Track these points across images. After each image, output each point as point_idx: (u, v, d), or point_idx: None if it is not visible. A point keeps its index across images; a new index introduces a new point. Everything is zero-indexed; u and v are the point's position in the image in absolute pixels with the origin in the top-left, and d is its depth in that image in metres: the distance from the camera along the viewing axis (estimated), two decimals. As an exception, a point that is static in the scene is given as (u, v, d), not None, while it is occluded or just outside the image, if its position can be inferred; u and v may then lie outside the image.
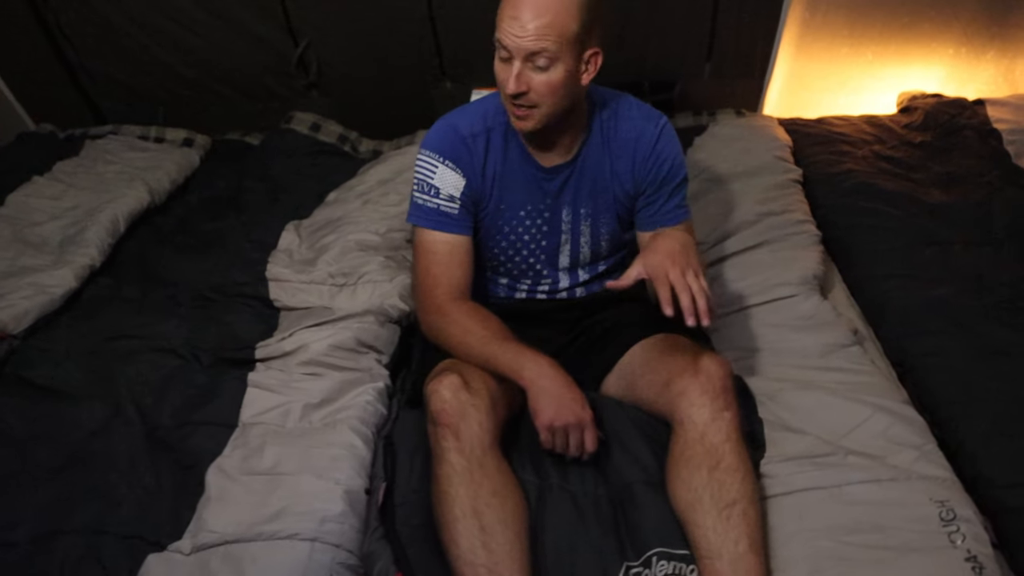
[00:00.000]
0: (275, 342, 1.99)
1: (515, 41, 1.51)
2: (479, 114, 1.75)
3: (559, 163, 1.75)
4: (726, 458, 1.46)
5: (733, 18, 3.13)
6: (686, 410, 1.51)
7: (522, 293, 1.94)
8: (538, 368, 1.55)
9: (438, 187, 1.72)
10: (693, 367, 1.54)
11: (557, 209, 1.81)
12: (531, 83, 1.55)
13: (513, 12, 1.50)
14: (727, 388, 1.53)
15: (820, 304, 2.05)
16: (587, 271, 1.93)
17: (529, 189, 1.78)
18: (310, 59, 3.26)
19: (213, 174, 3.10)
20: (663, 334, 1.77)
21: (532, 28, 1.49)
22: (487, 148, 1.74)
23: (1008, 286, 2.13)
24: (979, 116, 3.06)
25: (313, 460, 1.65)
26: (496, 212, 1.80)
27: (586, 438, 1.53)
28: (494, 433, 1.53)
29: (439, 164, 1.72)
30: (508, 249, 1.85)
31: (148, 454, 1.73)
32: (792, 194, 2.57)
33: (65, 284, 2.28)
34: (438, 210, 1.73)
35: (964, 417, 1.73)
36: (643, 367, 1.72)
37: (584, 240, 1.86)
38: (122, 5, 3.12)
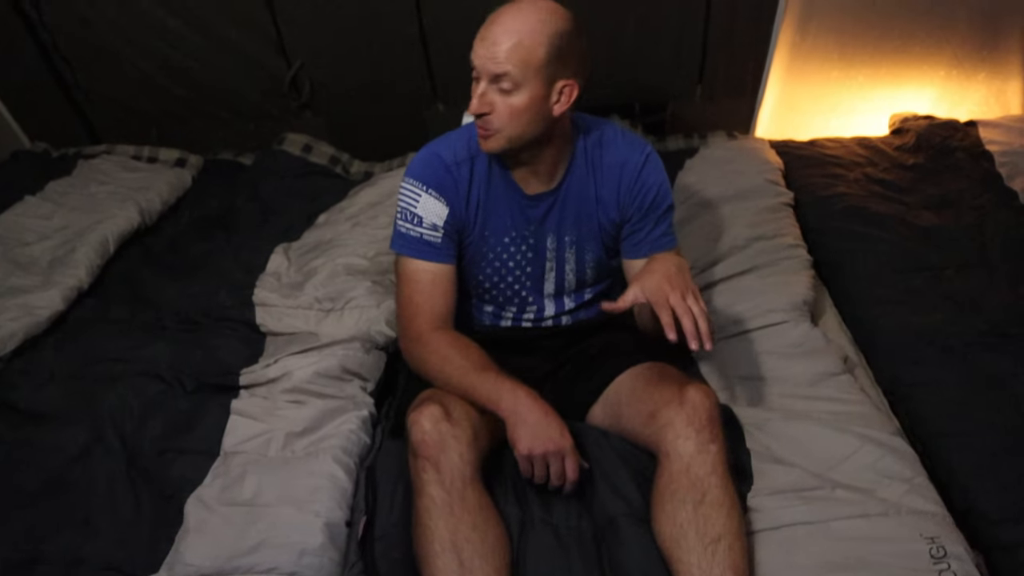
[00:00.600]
0: (260, 368, 1.98)
1: (481, 62, 1.53)
2: (463, 141, 1.75)
3: (543, 191, 1.75)
4: (712, 492, 1.45)
5: (724, 41, 3.12)
6: (672, 442, 1.50)
7: (507, 321, 1.93)
8: (515, 397, 1.54)
9: (421, 216, 1.72)
10: (679, 398, 1.53)
11: (541, 236, 1.80)
12: (494, 105, 1.56)
13: (483, 33, 1.53)
14: (713, 419, 1.51)
15: (810, 331, 2.03)
16: (573, 299, 1.92)
17: (513, 216, 1.77)
18: (303, 80, 3.26)
19: (205, 194, 3.09)
20: (650, 363, 1.76)
21: (497, 51, 1.50)
22: (471, 175, 1.74)
23: (1001, 311, 2.12)
24: (971, 137, 3.06)
25: (294, 491, 1.63)
26: (481, 239, 1.79)
27: (566, 466, 1.52)
28: (475, 465, 1.51)
29: (422, 192, 1.72)
30: (493, 276, 1.84)
31: (128, 482, 1.72)
32: (783, 218, 2.56)
33: (52, 306, 2.27)
34: (421, 239, 1.72)
35: (956, 448, 1.72)
36: (629, 397, 1.71)
37: (569, 267, 1.85)
38: (118, 26, 3.11)
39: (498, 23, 1.52)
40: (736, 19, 3.06)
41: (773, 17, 3.02)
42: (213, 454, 1.78)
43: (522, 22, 1.51)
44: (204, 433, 1.83)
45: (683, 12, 3.04)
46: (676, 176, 2.83)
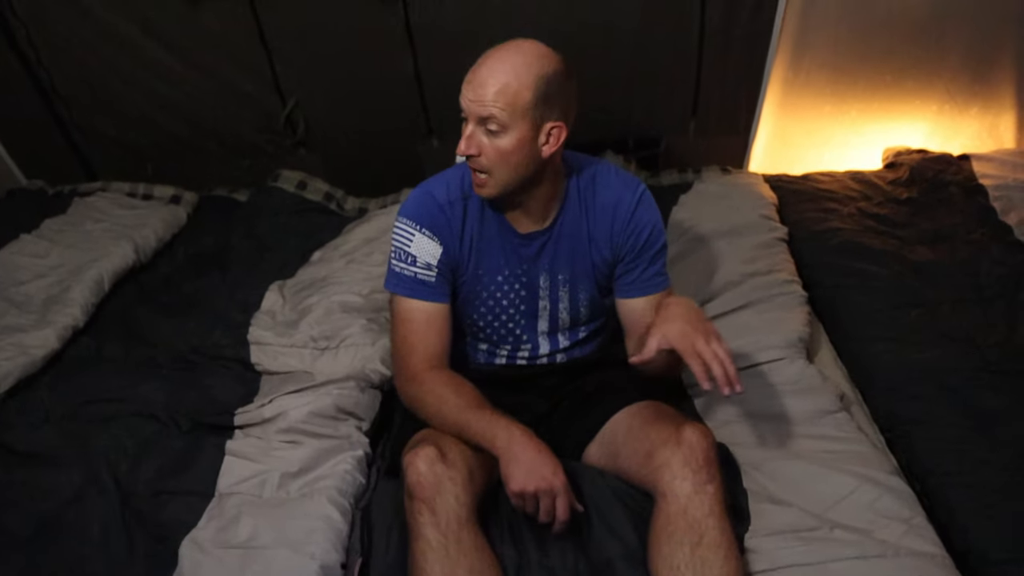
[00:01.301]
0: (255, 408, 1.97)
1: (468, 104, 1.54)
2: (456, 181, 1.76)
3: (535, 229, 1.76)
4: (709, 533, 1.44)
5: (717, 76, 3.14)
6: (668, 483, 1.49)
7: (502, 359, 1.93)
8: (509, 435, 1.53)
9: (415, 255, 1.72)
10: (675, 438, 1.52)
11: (535, 274, 1.80)
12: (482, 147, 1.56)
13: (471, 75, 1.54)
14: (710, 460, 1.50)
15: (806, 368, 2.03)
16: (567, 337, 1.92)
17: (506, 255, 1.78)
18: (297, 117, 3.28)
19: (199, 231, 3.10)
20: (646, 402, 1.76)
21: (484, 93, 1.52)
22: (465, 214, 1.74)
23: (997, 347, 2.12)
24: (964, 172, 3.07)
25: (289, 532, 1.62)
26: (475, 278, 1.79)
27: (558, 505, 1.49)
28: (471, 506, 1.50)
29: (416, 232, 1.72)
30: (487, 314, 1.84)
31: (122, 524, 1.70)
32: (778, 253, 2.57)
33: (47, 345, 2.27)
34: (415, 278, 1.73)
35: (955, 487, 1.71)
36: (626, 436, 1.70)
37: (563, 306, 1.85)
38: (114, 65, 3.14)
39: (485, 66, 1.54)
40: (729, 55, 3.08)
41: (766, 53, 3.04)
42: (208, 495, 1.77)
43: (509, 65, 1.52)
44: (199, 474, 1.82)
45: (676, 48, 3.06)
46: (670, 211, 2.84)
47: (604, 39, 2.99)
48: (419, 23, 3.00)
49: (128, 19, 3.02)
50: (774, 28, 2.96)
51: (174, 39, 3.08)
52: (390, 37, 3.03)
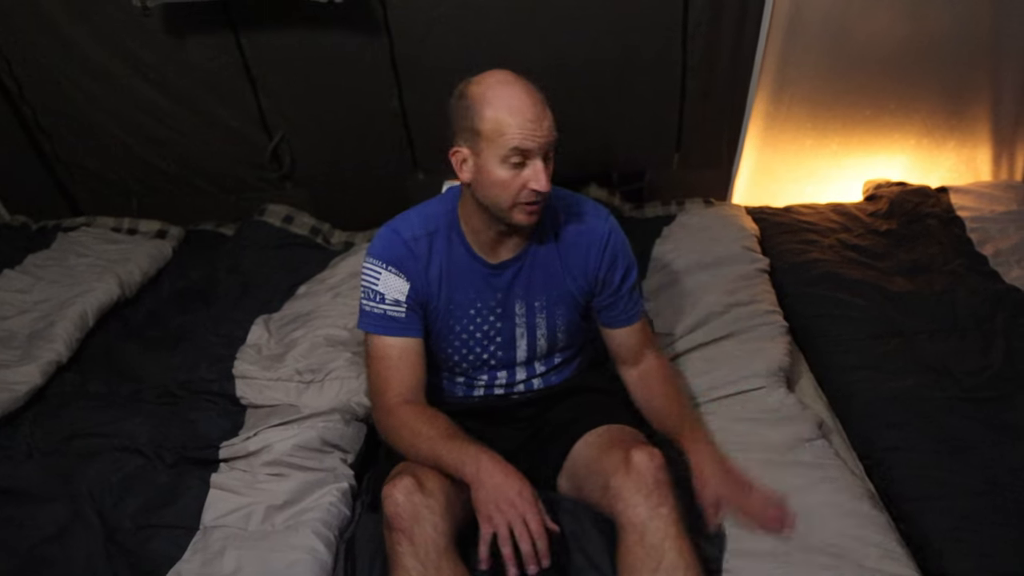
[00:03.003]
0: (240, 441, 1.97)
1: (537, 141, 1.56)
2: (421, 218, 1.79)
3: (506, 258, 1.78)
4: (667, 556, 1.46)
5: (700, 110, 3.19)
6: (623, 511, 1.51)
7: (479, 390, 1.94)
8: (478, 462, 1.54)
9: (383, 293, 1.75)
10: (625, 465, 1.55)
11: (509, 303, 1.82)
12: (548, 176, 1.61)
13: (525, 116, 1.56)
14: (660, 482, 1.53)
15: (786, 397, 2.05)
16: (543, 363, 1.94)
17: (478, 287, 1.80)
18: (283, 152, 3.30)
19: (185, 265, 3.09)
20: (604, 427, 1.79)
21: (546, 126, 1.57)
22: (430, 250, 1.77)
23: (972, 376, 2.15)
24: (942, 204, 3.13)
25: (274, 565, 1.63)
26: (446, 312, 1.81)
27: (530, 526, 1.47)
28: (450, 535, 1.51)
29: (382, 270, 1.75)
30: (462, 348, 1.86)
31: (107, 559, 1.70)
32: (759, 284, 2.60)
33: (30, 381, 2.26)
34: (385, 315, 1.75)
35: (930, 512, 1.74)
36: (585, 468, 1.73)
37: (541, 333, 1.87)
38: (98, 100, 3.15)
39: (527, 103, 1.57)
40: (711, 89, 3.13)
41: (747, 87, 3.09)
42: (193, 529, 1.77)
43: (537, 94, 1.59)
44: (184, 508, 1.81)
45: (659, 83, 3.10)
46: (654, 243, 2.88)
47: (588, 74, 3.03)
48: (404, 57, 3.03)
49: (112, 54, 3.04)
50: (755, 63, 3.00)
51: (159, 74, 3.10)
52: (375, 71, 3.06)
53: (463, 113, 1.61)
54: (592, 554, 1.61)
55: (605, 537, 1.63)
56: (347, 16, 2.85)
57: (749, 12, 2.92)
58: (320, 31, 2.96)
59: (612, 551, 1.59)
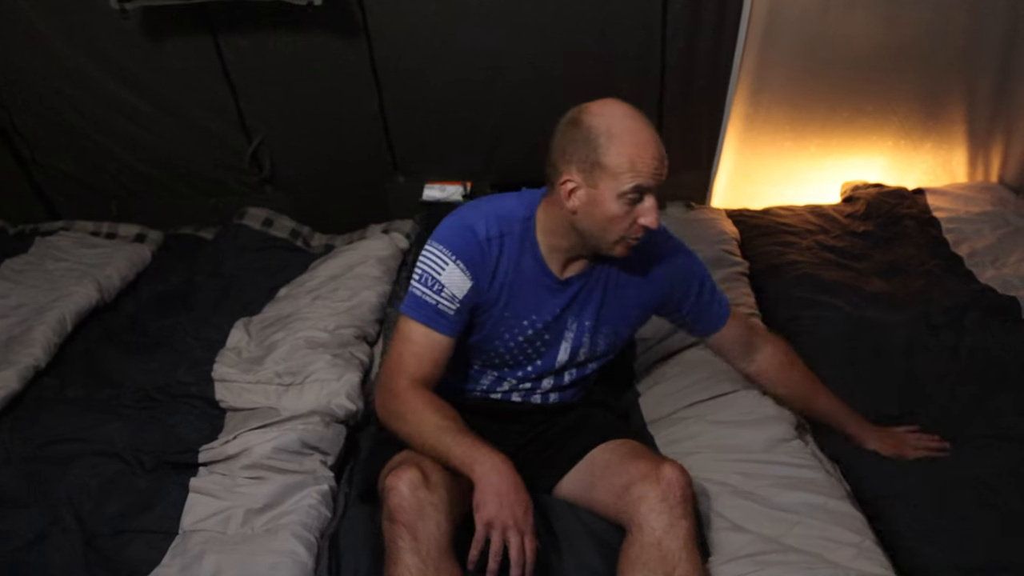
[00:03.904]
0: (219, 445, 1.96)
1: (655, 179, 1.55)
2: (495, 218, 1.72)
3: (573, 275, 1.76)
4: (681, 566, 1.46)
5: (678, 113, 3.21)
6: (645, 515, 1.51)
7: (503, 386, 1.91)
8: (491, 463, 1.51)
9: (444, 284, 1.67)
10: (655, 474, 1.55)
11: (563, 318, 1.79)
12: None
13: (654, 155, 1.54)
14: (687, 498, 1.53)
15: (761, 399, 2.05)
16: (571, 374, 1.92)
17: (539, 299, 1.76)
18: (263, 155, 3.30)
19: (164, 270, 3.08)
20: (623, 439, 1.79)
21: (667, 164, 1.57)
22: (500, 253, 1.71)
23: (943, 378, 2.18)
24: (919, 205, 3.16)
25: (254, 569, 1.61)
26: (500, 319, 1.77)
27: (526, 543, 1.47)
28: (451, 535, 1.50)
29: (450, 262, 1.68)
30: (505, 354, 1.82)
31: (85, 565, 1.68)
32: (738, 287, 2.61)
33: (8, 386, 2.24)
34: (436, 307, 1.68)
35: (901, 511, 1.75)
36: (604, 469, 1.71)
37: (583, 350, 1.85)
38: (76, 103, 3.14)
39: (650, 140, 1.55)
40: (690, 92, 3.14)
41: (726, 90, 3.11)
42: (172, 533, 1.76)
43: (653, 129, 1.58)
44: (163, 512, 1.80)
45: (638, 86, 3.11)
46: (634, 247, 2.87)
47: (566, 76, 3.04)
48: (383, 60, 3.04)
49: (89, 57, 3.04)
50: (733, 66, 3.03)
51: (137, 77, 3.10)
52: (355, 74, 3.07)
53: (581, 144, 1.56)
54: (584, 556, 1.62)
55: (597, 540, 1.64)
56: (326, 19, 2.85)
57: (727, 15, 2.95)
58: (299, 34, 2.96)
59: (604, 553, 1.61)
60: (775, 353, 1.99)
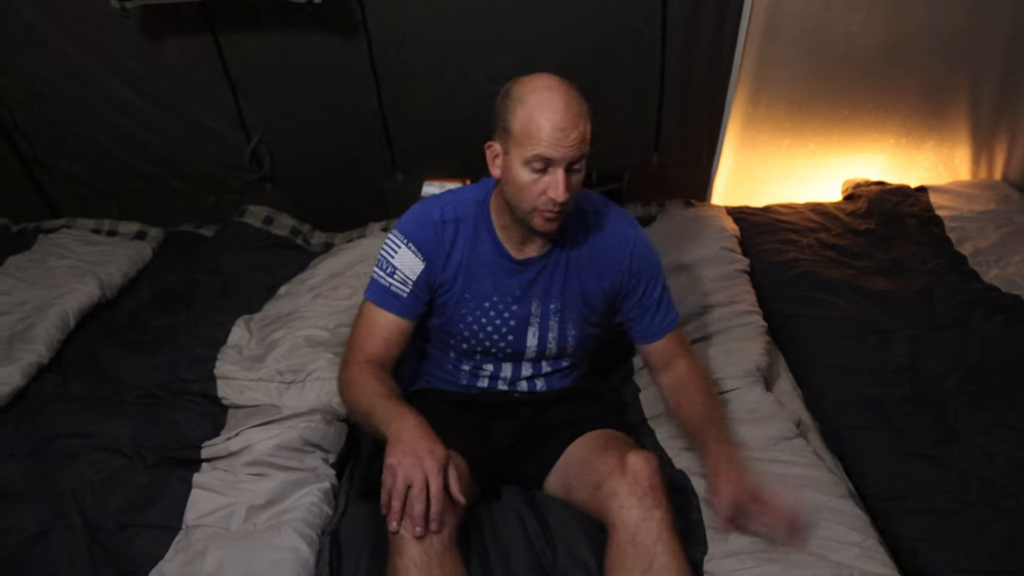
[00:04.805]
0: (221, 441, 1.97)
1: (562, 152, 1.57)
2: (452, 202, 1.82)
3: (531, 256, 1.80)
4: (659, 558, 1.47)
5: (679, 111, 3.21)
6: (617, 512, 1.52)
7: (483, 381, 1.96)
8: (402, 419, 1.56)
9: (396, 267, 1.79)
10: (620, 467, 1.56)
11: (526, 301, 1.84)
12: (570, 188, 1.61)
13: (558, 125, 1.56)
14: (655, 486, 1.54)
15: (763, 396, 2.06)
16: (550, 364, 1.95)
17: (497, 281, 1.82)
18: (262, 153, 3.30)
19: (165, 267, 3.09)
20: (598, 431, 1.81)
21: (575, 137, 1.57)
22: (455, 235, 1.79)
23: (947, 376, 2.17)
24: (921, 203, 3.15)
25: (256, 565, 1.62)
26: (460, 300, 1.83)
27: (430, 486, 1.46)
28: (454, 529, 1.52)
29: (402, 245, 1.79)
30: (471, 338, 1.88)
31: (89, 559, 1.69)
32: (739, 285, 2.61)
33: (11, 382, 2.25)
34: (388, 289, 1.79)
35: (903, 511, 1.75)
36: (577, 468, 1.74)
37: (552, 335, 1.89)
38: (77, 102, 3.14)
39: (561, 113, 1.56)
40: (690, 90, 3.14)
41: (726, 87, 3.12)
42: (175, 528, 1.76)
43: (576, 105, 1.59)
44: (166, 507, 1.81)
45: (638, 83, 3.12)
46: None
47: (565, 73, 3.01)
48: (382, 58, 3.04)
49: (90, 55, 3.04)
50: (734, 63, 3.03)
51: (137, 75, 3.10)
52: (354, 72, 3.07)
53: (502, 109, 1.63)
54: (576, 551, 1.62)
55: (589, 535, 1.65)
56: (325, 17, 2.86)
57: (728, 12, 2.94)
58: (298, 32, 2.96)
59: (596, 549, 1.61)
60: (686, 372, 1.93)
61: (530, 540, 1.66)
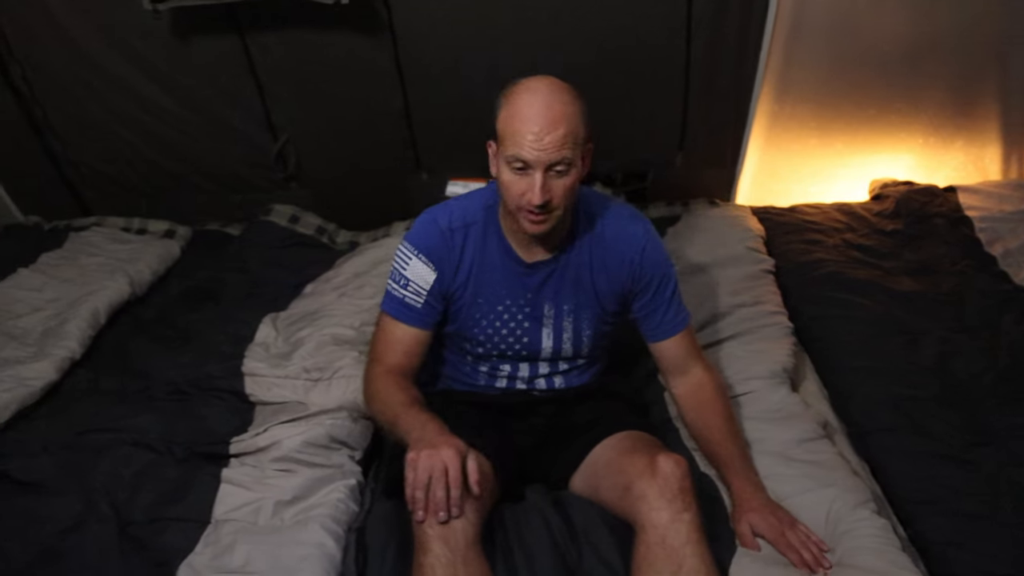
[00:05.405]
0: (249, 437, 1.99)
1: (537, 155, 1.56)
2: (461, 209, 1.82)
3: (541, 259, 1.80)
4: (687, 561, 1.46)
5: (703, 110, 3.20)
6: (646, 514, 1.52)
7: (502, 381, 1.96)
8: (424, 427, 1.58)
9: (409, 279, 1.80)
10: (651, 469, 1.56)
11: (538, 304, 1.84)
12: (552, 191, 1.60)
13: (532, 128, 1.56)
14: (685, 489, 1.53)
15: (788, 396, 2.05)
16: (567, 363, 1.95)
17: (509, 284, 1.82)
18: (289, 153, 3.33)
19: (193, 265, 3.13)
20: (625, 432, 1.80)
21: (551, 141, 1.55)
22: (464, 242, 1.80)
23: (979, 378, 2.15)
24: (950, 203, 3.10)
25: (283, 559, 1.64)
26: (473, 305, 1.84)
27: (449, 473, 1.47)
28: (478, 528, 1.53)
29: (413, 257, 1.80)
30: (486, 342, 1.89)
31: (119, 551, 1.71)
32: (764, 285, 2.59)
33: (45, 377, 2.29)
34: (403, 301, 1.81)
35: (932, 516, 1.73)
36: (604, 469, 1.74)
37: (567, 336, 1.89)
38: (107, 103, 3.19)
39: (542, 114, 1.56)
40: (715, 89, 3.14)
41: (752, 87, 3.10)
42: (204, 522, 1.79)
43: (562, 107, 1.57)
44: (195, 501, 1.83)
45: (663, 82, 3.11)
46: (657, 244, 2.86)
47: (590, 73, 3.04)
48: (408, 58, 3.06)
49: (121, 57, 3.08)
50: (759, 62, 3.01)
51: (167, 76, 3.14)
52: (380, 73, 3.09)
53: (495, 108, 1.65)
54: (603, 552, 1.62)
55: (616, 535, 1.65)
56: (352, 18, 2.88)
57: (754, 10, 2.93)
58: (325, 33, 2.98)
59: (622, 548, 1.61)
60: (701, 385, 1.90)
61: (554, 539, 1.66)
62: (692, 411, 1.90)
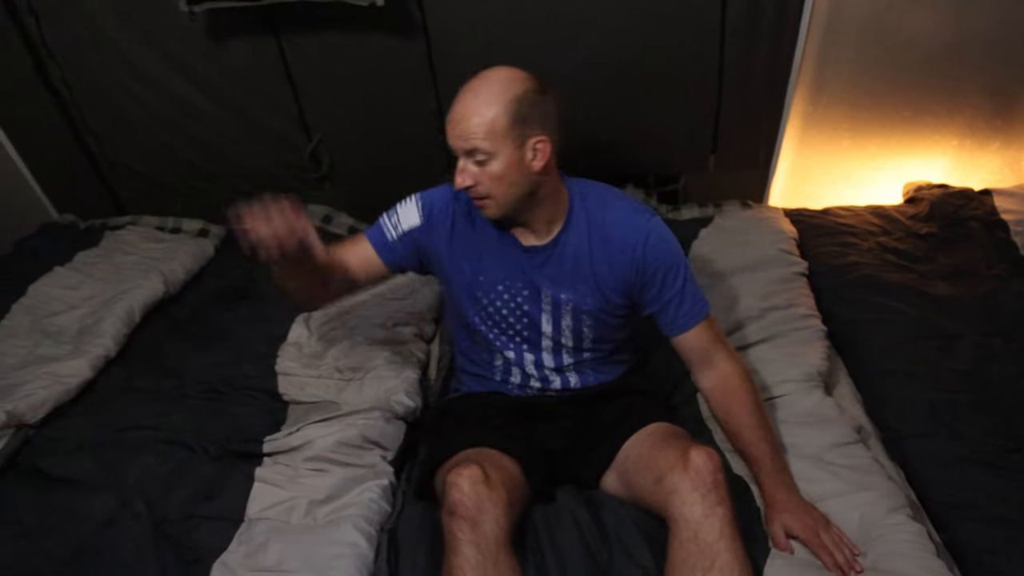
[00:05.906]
0: (282, 436, 2.01)
1: (453, 141, 1.65)
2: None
3: (537, 243, 1.82)
4: (721, 556, 1.46)
5: (737, 112, 3.17)
6: (678, 508, 1.52)
7: (516, 376, 1.98)
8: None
9: (398, 215, 1.91)
10: (683, 463, 1.56)
11: (535, 287, 1.86)
12: (476, 177, 1.65)
13: (450, 115, 1.64)
14: (718, 482, 1.53)
15: (822, 400, 2.03)
16: (571, 356, 1.95)
17: (507, 266, 1.85)
18: (322, 153, 3.34)
19: (226, 264, 3.15)
20: (655, 425, 1.81)
21: (464, 128, 1.61)
22: (469, 215, 1.86)
23: (1013, 383, 2.13)
24: (986, 206, 3.06)
25: (316, 558, 1.66)
26: (474, 283, 1.87)
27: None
28: (509, 531, 1.54)
29: (412, 202, 1.90)
30: (487, 320, 1.91)
31: (154, 548, 1.74)
32: (797, 287, 2.57)
33: (80, 374, 2.32)
34: (381, 228, 1.91)
35: (967, 521, 1.72)
36: (636, 464, 1.73)
37: (566, 324, 1.89)
38: (144, 103, 3.21)
39: (460, 103, 1.64)
40: (748, 91, 3.11)
41: (785, 88, 3.07)
42: (237, 520, 1.81)
43: (481, 97, 1.62)
44: (228, 499, 1.86)
45: (696, 84, 3.09)
46: (691, 246, 2.87)
47: (623, 74, 3.04)
48: (441, 59, 3.06)
49: (157, 57, 3.09)
50: (793, 64, 2.99)
51: (202, 77, 3.15)
52: (413, 73, 3.09)
53: None
54: (634, 552, 1.62)
55: (648, 536, 1.65)
56: (386, 19, 2.88)
57: (788, 11, 2.91)
58: (359, 34, 2.99)
59: (654, 548, 1.61)
60: (727, 376, 1.86)
61: (585, 540, 1.66)
62: (719, 404, 1.88)
